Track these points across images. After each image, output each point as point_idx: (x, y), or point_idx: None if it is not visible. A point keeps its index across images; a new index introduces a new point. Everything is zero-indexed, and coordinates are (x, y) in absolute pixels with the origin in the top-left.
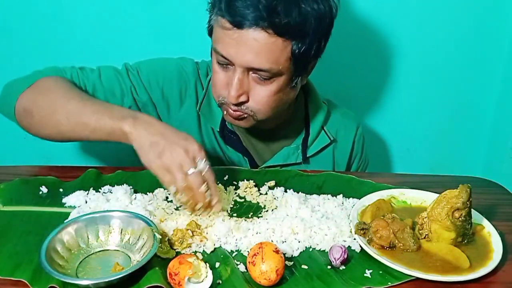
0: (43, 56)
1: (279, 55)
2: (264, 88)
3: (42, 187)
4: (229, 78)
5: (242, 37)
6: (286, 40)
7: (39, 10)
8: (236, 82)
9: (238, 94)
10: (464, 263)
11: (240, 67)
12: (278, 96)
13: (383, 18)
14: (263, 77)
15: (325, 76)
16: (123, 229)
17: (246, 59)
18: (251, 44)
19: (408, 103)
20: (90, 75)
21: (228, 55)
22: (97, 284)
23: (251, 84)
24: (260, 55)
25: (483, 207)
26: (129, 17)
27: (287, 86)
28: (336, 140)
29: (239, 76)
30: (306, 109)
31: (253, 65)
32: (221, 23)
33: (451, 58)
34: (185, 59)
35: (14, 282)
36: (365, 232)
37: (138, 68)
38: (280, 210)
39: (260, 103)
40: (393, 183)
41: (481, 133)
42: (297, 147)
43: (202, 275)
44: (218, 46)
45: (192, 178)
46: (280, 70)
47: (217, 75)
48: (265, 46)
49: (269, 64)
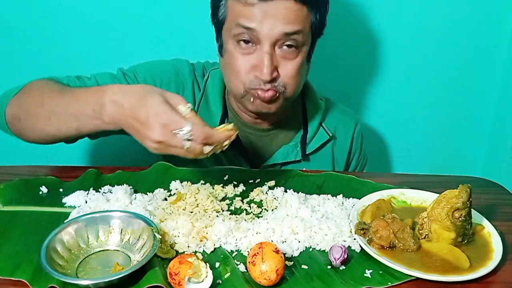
0: (43, 56)
1: (304, 21)
2: (292, 62)
3: (42, 187)
4: (255, 59)
5: (271, 8)
6: (308, 8)
7: (39, 10)
8: (267, 58)
9: (272, 69)
10: (464, 263)
11: (269, 39)
12: (302, 69)
13: (384, 17)
14: (291, 47)
15: (325, 75)
16: (123, 229)
17: (276, 29)
18: (281, 13)
19: (408, 103)
20: (87, 82)
21: (256, 27)
22: (97, 284)
23: (278, 60)
24: (289, 21)
25: (483, 207)
26: (129, 18)
27: (307, 60)
28: (335, 137)
29: (268, 51)
30: (303, 107)
31: (284, 31)
32: (243, 0)
33: (451, 58)
34: (180, 60)
35: (14, 282)
36: (365, 232)
37: (135, 71)
38: (280, 210)
39: (290, 76)
40: (393, 183)
41: (481, 133)
42: (296, 144)
43: (202, 275)
44: (242, 20)
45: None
46: (306, 35)
47: (238, 61)
48: (293, 14)
49: (297, 29)
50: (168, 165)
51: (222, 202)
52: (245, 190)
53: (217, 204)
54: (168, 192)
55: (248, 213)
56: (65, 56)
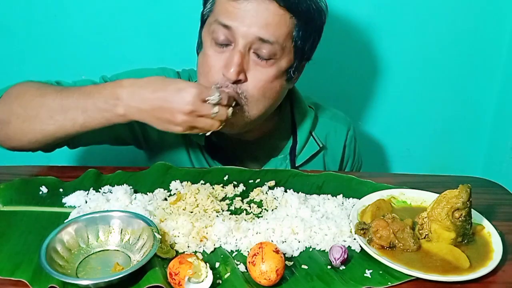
0: (43, 56)
1: (284, 31)
2: (264, 70)
3: (42, 187)
4: (226, 59)
5: (251, 8)
6: (291, 18)
7: (39, 10)
8: (237, 56)
9: (239, 69)
10: (464, 263)
11: (244, 39)
12: (274, 84)
13: (383, 18)
14: (264, 57)
15: (325, 75)
16: (123, 229)
17: (253, 30)
18: (261, 13)
19: (408, 103)
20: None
21: (233, 25)
22: (97, 284)
23: (250, 64)
24: (267, 26)
25: (483, 207)
26: (129, 18)
27: (283, 74)
28: (325, 147)
29: (241, 50)
30: (292, 117)
31: (259, 35)
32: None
33: (451, 58)
34: (165, 69)
35: (14, 282)
36: (365, 232)
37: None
38: (280, 210)
39: (257, 87)
40: (393, 183)
41: (481, 133)
42: (284, 157)
43: (202, 275)
44: (221, 17)
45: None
46: (282, 47)
47: (211, 59)
48: (274, 18)
49: (275, 37)
50: (168, 165)
51: (222, 202)
52: (245, 190)
53: (217, 204)
54: (168, 192)
55: (248, 213)
56: (65, 56)
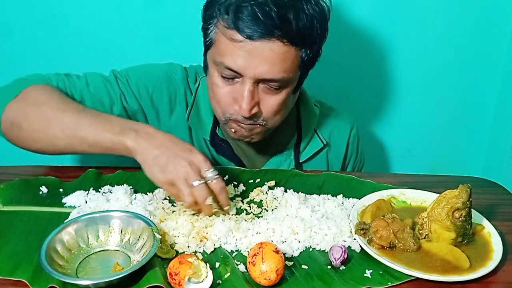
0: (43, 56)
1: (290, 63)
2: (274, 97)
3: (42, 187)
4: (236, 92)
5: (256, 48)
6: (297, 49)
7: (39, 10)
8: (247, 95)
9: (251, 106)
10: (464, 263)
11: (251, 79)
12: (286, 103)
13: (384, 18)
14: (273, 88)
15: (325, 75)
16: (123, 229)
17: (259, 70)
18: (266, 55)
19: (408, 103)
20: (77, 82)
21: (238, 68)
22: (97, 284)
23: (260, 95)
24: (273, 65)
25: (483, 207)
26: (129, 18)
27: (293, 93)
28: (329, 144)
29: (250, 88)
30: (297, 114)
31: (266, 77)
32: (229, 35)
33: (451, 58)
34: (173, 65)
35: (14, 282)
36: (365, 232)
37: (127, 75)
38: (280, 210)
39: (271, 112)
40: (393, 183)
41: (481, 133)
42: (289, 153)
43: (202, 275)
44: (226, 60)
45: (197, 191)
46: (290, 78)
47: (221, 90)
48: (279, 56)
49: (282, 74)
50: None
51: None
52: (245, 190)
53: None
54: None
55: (248, 213)
56: (65, 56)
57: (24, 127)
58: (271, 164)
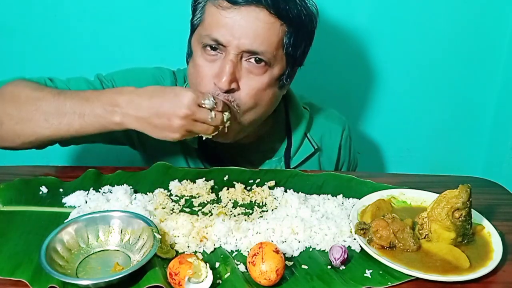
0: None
1: (275, 40)
2: (256, 78)
3: (42, 187)
4: (218, 68)
5: (242, 15)
6: (282, 25)
7: (39, 10)
8: (229, 66)
9: (231, 78)
10: (464, 263)
11: (235, 50)
12: (267, 92)
13: (382, 18)
14: (255, 62)
15: (324, 75)
16: (123, 229)
17: (243, 40)
18: (251, 24)
19: (408, 103)
20: (59, 85)
21: (223, 37)
22: (97, 284)
23: (242, 72)
24: (258, 36)
25: (483, 207)
26: (130, 18)
27: (276, 81)
28: (320, 149)
29: (232, 59)
30: (287, 118)
31: (249, 47)
32: (218, 3)
33: (451, 58)
34: (161, 69)
35: (14, 282)
36: (365, 232)
37: (113, 79)
38: (280, 210)
39: (249, 94)
40: (393, 183)
41: (481, 133)
42: (279, 159)
43: (202, 275)
44: (213, 31)
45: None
46: (274, 56)
47: (202, 69)
48: (264, 26)
49: (265, 47)
50: (168, 165)
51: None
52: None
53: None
54: (168, 192)
55: (248, 213)
56: (65, 56)
57: (5, 121)
58: None
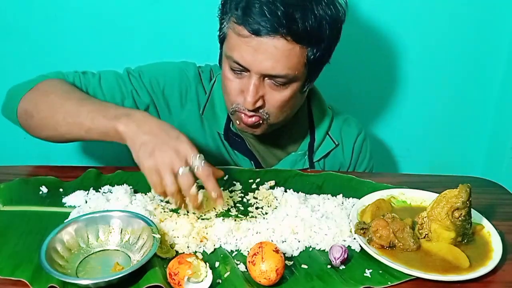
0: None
1: (296, 61)
2: (279, 93)
3: (42, 187)
4: (243, 85)
5: (261, 44)
6: (302, 47)
7: (39, 10)
8: (252, 89)
9: (255, 100)
10: (464, 263)
11: (257, 74)
12: (291, 101)
13: (383, 19)
14: (278, 83)
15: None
16: (123, 229)
17: (264, 66)
18: (270, 51)
19: (408, 103)
20: (91, 79)
21: (245, 62)
22: (97, 283)
23: (266, 89)
24: (278, 62)
25: (483, 207)
26: (130, 18)
27: (300, 91)
28: (340, 145)
29: (255, 82)
30: (310, 113)
31: (270, 72)
32: (238, 31)
33: (451, 58)
34: (187, 63)
35: (14, 282)
36: (365, 231)
37: (140, 71)
38: (280, 210)
39: (275, 107)
40: (393, 183)
41: (481, 133)
42: (304, 153)
43: (202, 274)
44: (234, 54)
45: (182, 178)
46: (296, 76)
47: (231, 83)
48: (284, 53)
49: (286, 71)
50: None
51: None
52: (245, 190)
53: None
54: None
55: (248, 213)
56: (65, 56)
57: (34, 115)
58: (286, 162)
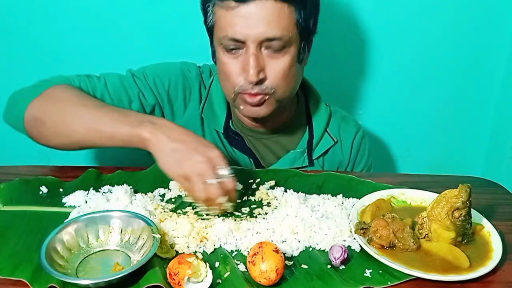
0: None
1: (287, 22)
2: (279, 61)
3: (42, 187)
4: (242, 62)
5: (251, 10)
6: (290, 6)
7: (39, 10)
8: (252, 59)
9: (257, 70)
10: (464, 263)
11: (254, 42)
12: (292, 70)
13: (383, 17)
14: (275, 48)
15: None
16: (123, 229)
17: (258, 31)
18: (261, 15)
19: (408, 103)
20: (97, 83)
21: (240, 34)
22: (97, 283)
23: (265, 60)
24: (270, 23)
25: (483, 207)
26: (131, 18)
27: (297, 58)
28: (339, 142)
29: (254, 52)
30: (307, 110)
31: (266, 36)
32: (225, 6)
33: (451, 58)
34: (187, 63)
35: (14, 282)
36: (365, 231)
37: (144, 73)
38: (280, 210)
39: (278, 77)
40: (393, 183)
41: (481, 133)
42: (303, 151)
43: (202, 274)
44: (228, 31)
45: (212, 189)
46: (290, 38)
47: (229, 66)
48: (274, 14)
49: (281, 31)
50: None
51: None
52: (245, 190)
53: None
54: (169, 191)
55: (248, 213)
56: (65, 56)
57: (46, 122)
58: (285, 160)
